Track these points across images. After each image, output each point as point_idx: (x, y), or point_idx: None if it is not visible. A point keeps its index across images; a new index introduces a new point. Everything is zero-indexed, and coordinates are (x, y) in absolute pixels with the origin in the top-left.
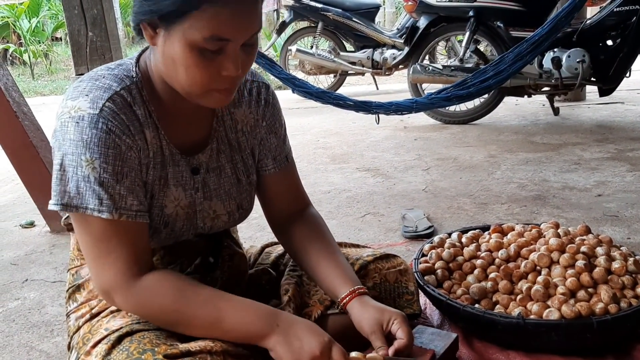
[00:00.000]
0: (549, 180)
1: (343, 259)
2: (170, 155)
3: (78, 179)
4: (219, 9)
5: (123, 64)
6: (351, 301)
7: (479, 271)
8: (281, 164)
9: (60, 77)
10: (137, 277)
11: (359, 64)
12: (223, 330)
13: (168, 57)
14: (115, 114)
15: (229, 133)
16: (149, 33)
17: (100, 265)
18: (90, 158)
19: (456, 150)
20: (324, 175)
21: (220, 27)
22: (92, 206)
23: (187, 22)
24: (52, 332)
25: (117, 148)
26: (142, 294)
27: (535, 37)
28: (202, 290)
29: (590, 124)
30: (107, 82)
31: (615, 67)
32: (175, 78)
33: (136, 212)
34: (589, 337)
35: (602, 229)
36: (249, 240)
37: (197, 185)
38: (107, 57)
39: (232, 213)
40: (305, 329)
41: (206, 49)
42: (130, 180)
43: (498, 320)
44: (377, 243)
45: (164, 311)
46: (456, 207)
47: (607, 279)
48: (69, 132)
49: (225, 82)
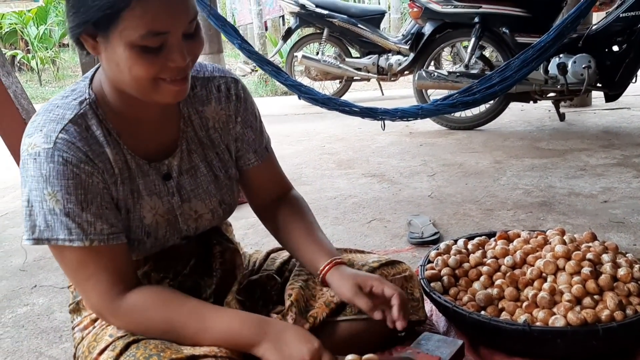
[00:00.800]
0: (555, 187)
1: (322, 235)
2: (137, 167)
3: (45, 212)
4: (148, 3)
5: (76, 88)
6: (329, 272)
7: (485, 278)
8: (262, 155)
9: (68, 83)
10: (120, 296)
11: (365, 70)
12: (210, 340)
13: (112, 63)
14: (69, 144)
15: (199, 131)
16: (90, 44)
17: (84, 291)
18: (52, 191)
19: (462, 156)
20: (329, 181)
21: (154, 22)
22: (62, 237)
23: (121, 24)
24: (61, 337)
25: (76, 178)
26: (128, 313)
27: (541, 44)
28: (187, 301)
29: (596, 130)
30: (60, 112)
31: (621, 72)
32: (124, 81)
33: (108, 236)
34: (594, 344)
35: (608, 235)
36: (255, 246)
37: (172, 190)
38: None
39: (215, 210)
40: (294, 336)
41: (147, 47)
42: (96, 205)
43: (504, 327)
44: (383, 249)
45: (152, 325)
46: (462, 213)
47: (613, 286)
48: (29, 169)
49: (174, 73)
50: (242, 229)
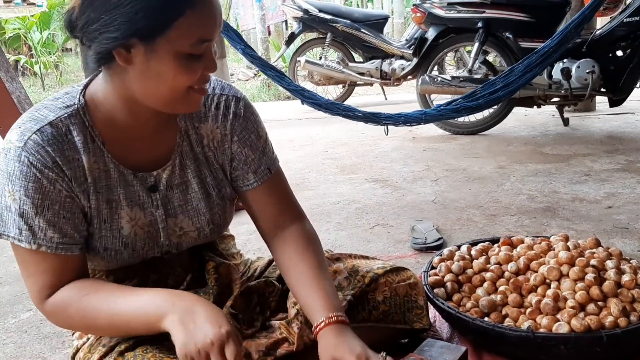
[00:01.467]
0: (559, 192)
1: (326, 282)
2: (119, 177)
3: (2, 207)
4: (199, 11)
5: (70, 91)
6: (322, 330)
7: (489, 284)
8: (263, 177)
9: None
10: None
11: (368, 75)
12: (123, 322)
13: (152, 74)
14: (39, 147)
15: (195, 147)
16: (123, 57)
17: (26, 285)
18: (12, 190)
19: (465, 161)
20: (333, 186)
21: (204, 29)
22: (12, 234)
23: (172, 32)
24: (64, 343)
25: (38, 182)
26: (52, 312)
27: (545, 49)
28: (103, 288)
29: (600, 135)
30: (45, 112)
31: (625, 77)
32: (157, 92)
33: (57, 244)
34: (598, 351)
35: (612, 241)
36: (258, 252)
37: (156, 202)
38: None
39: (202, 229)
40: (204, 314)
41: (192, 54)
42: (52, 212)
43: (507, 334)
44: (386, 255)
45: (72, 320)
46: (465, 219)
47: (617, 293)
48: (0, 163)
49: (204, 81)
50: (244, 234)
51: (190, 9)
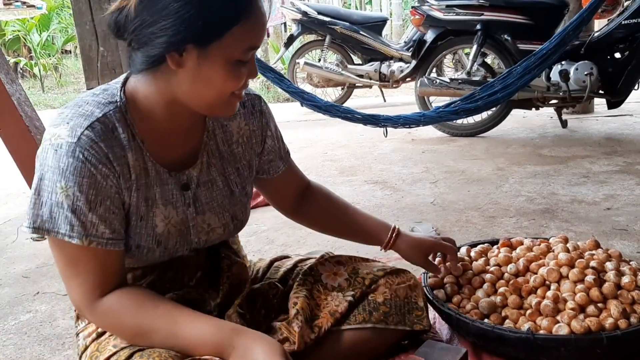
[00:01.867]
0: (558, 194)
1: (362, 211)
2: (156, 175)
3: (52, 204)
4: (253, 21)
5: (108, 88)
6: (395, 242)
7: (488, 286)
8: (287, 159)
9: (70, 89)
10: (99, 299)
11: (367, 77)
12: (180, 346)
13: (203, 78)
14: (93, 142)
15: (221, 146)
16: (175, 60)
17: (69, 285)
18: (65, 186)
19: (464, 163)
20: (332, 188)
21: (255, 37)
22: (63, 231)
23: (226, 39)
24: (64, 345)
25: (92, 177)
26: (103, 314)
27: (543, 51)
28: (162, 304)
29: (598, 137)
30: (89, 108)
31: (623, 79)
32: (202, 97)
33: (107, 240)
34: (598, 353)
35: (611, 242)
36: (257, 253)
37: (189, 200)
38: (118, 72)
39: (227, 225)
40: (263, 350)
41: (241, 60)
42: (105, 208)
43: (507, 335)
44: (385, 257)
45: (125, 327)
46: (464, 221)
47: (617, 294)
48: (48, 159)
49: (244, 87)
50: (245, 236)
51: (245, 18)
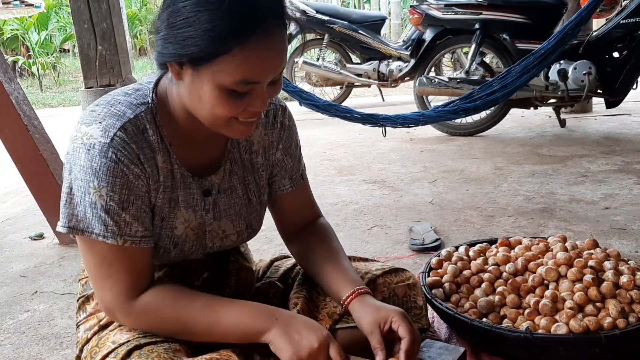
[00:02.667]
0: (556, 193)
1: (347, 263)
2: (181, 178)
3: (86, 204)
4: (249, 54)
5: (140, 89)
6: (352, 302)
7: (487, 285)
8: (297, 182)
9: (68, 88)
10: (134, 298)
11: (365, 76)
12: (222, 332)
13: (195, 95)
14: (125, 143)
15: (243, 154)
16: (175, 70)
17: (100, 287)
18: (98, 186)
19: (462, 163)
20: (330, 187)
21: (251, 71)
22: (97, 231)
23: (216, 65)
24: (62, 344)
25: (124, 177)
26: (141, 312)
27: (542, 50)
28: (198, 297)
29: (597, 136)
30: (121, 108)
31: (622, 79)
32: (200, 112)
33: (140, 238)
34: (597, 352)
35: (610, 242)
36: (256, 252)
37: (208, 206)
38: (116, 71)
39: (241, 232)
40: (304, 324)
41: (235, 91)
42: (137, 207)
43: (506, 335)
44: (384, 256)
45: (164, 323)
46: (463, 220)
47: (615, 294)
48: (80, 159)
49: (250, 116)
50: None
51: (239, 48)
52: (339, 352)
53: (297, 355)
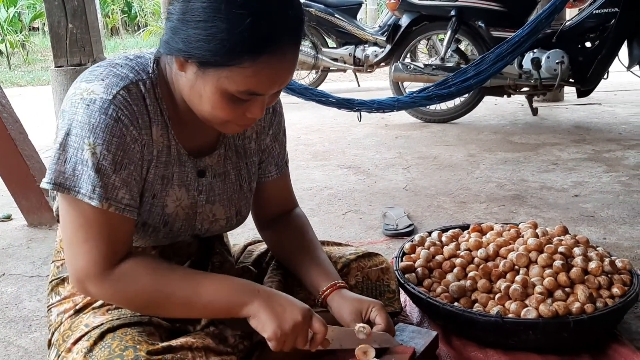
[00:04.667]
0: (527, 180)
1: (324, 256)
2: (177, 155)
3: (77, 161)
4: (259, 69)
5: (142, 57)
6: (330, 295)
7: (459, 270)
8: (282, 170)
9: (38, 67)
10: (110, 266)
11: (341, 61)
12: (202, 305)
13: (195, 92)
14: (127, 103)
15: (236, 140)
16: (180, 62)
17: (76, 252)
18: (94, 143)
19: (436, 149)
20: (305, 172)
21: (257, 85)
22: (84, 191)
23: (224, 72)
24: (30, 327)
25: (122, 138)
26: (116, 281)
27: (516, 38)
28: (177, 268)
29: (568, 125)
30: (124, 71)
31: (593, 68)
32: (198, 108)
33: (125, 206)
34: (565, 336)
35: (579, 229)
36: (230, 236)
37: (202, 187)
38: (87, 50)
39: (231, 219)
40: (286, 298)
41: (237, 97)
42: (128, 172)
43: (477, 319)
44: (358, 241)
45: (140, 294)
46: (436, 206)
47: (584, 279)
48: (78, 113)
49: (247, 121)
50: None
51: (250, 61)
52: (322, 324)
53: (280, 328)
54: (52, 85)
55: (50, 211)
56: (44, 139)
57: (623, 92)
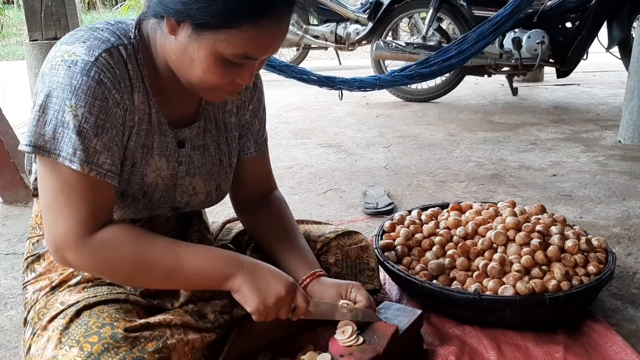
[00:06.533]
0: (506, 160)
1: (303, 242)
2: (158, 124)
3: (57, 123)
4: (257, 33)
5: (123, 22)
6: (310, 284)
7: (438, 248)
8: (261, 148)
9: (12, 42)
10: (91, 233)
11: (322, 38)
12: (185, 277)
13: (186, 55)
14: (110, 66)
15: (217, 113)
16: (171, 24)
17: (55, 218)
18: (75, 105)
19: (417, 128)
20: (286, 151)
21: (254, 49)
22: (64, 154)
23: (221, 35)
24: (6, 305)
25: (104, 101)
26: (97, 249)
27: (498, 17)
28: (160, 239)
29: (547, 105)
30: (105, 35)
31: (573, 49)
32: (185, 74)
33: (106, 172)
34: (541, 313)
35: (556, 208)
36: (209, 214)
37: (182, 159)
38: (63, 23)
39: (211, 193)
40: (270, 271)
41: (231, 61)
42: (110, 137)
43: (455, 296)
44: (338, 219)
45: (121, 263)
46: (416, 185)
47: (561, 257)
48: (59, 75)
49: (235, 87)
50: None
51: (250, 24)
52: (305, 299)
53: (264, 303)
54: (27, 59)
55: (25, 188)
56: (19, 114)
57: (601, 73)
